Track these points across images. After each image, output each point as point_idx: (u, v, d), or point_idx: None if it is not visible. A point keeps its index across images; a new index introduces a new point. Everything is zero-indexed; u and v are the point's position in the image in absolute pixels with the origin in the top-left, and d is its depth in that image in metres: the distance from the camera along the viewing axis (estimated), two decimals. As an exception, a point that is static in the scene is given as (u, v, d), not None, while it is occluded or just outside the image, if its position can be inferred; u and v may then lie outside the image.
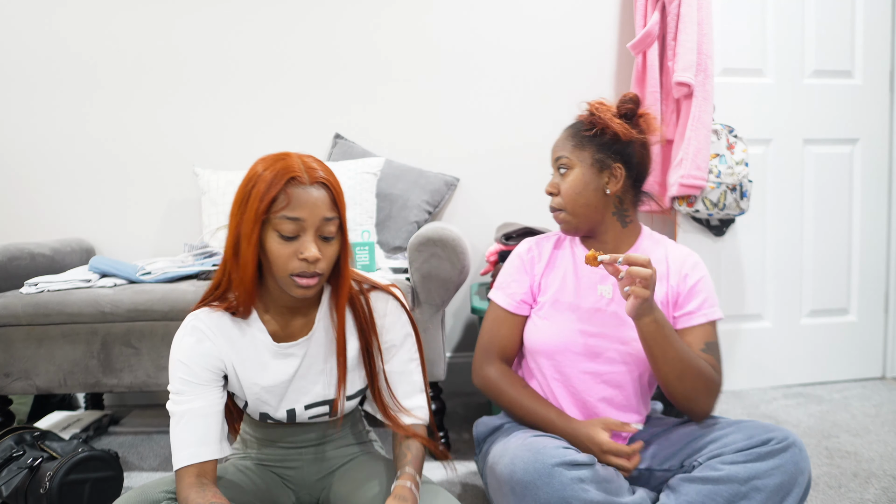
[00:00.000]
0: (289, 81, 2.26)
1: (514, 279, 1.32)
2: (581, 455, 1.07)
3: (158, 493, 0.97)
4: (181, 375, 1.01)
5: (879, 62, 2.30)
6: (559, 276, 1.29)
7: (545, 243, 1.35)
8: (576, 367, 1.24)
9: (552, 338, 1.25)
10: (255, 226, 0.96)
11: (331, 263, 1.01)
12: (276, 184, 0.95)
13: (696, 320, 1.22)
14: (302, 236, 0.96)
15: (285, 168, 0.96)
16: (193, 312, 1.05)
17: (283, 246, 0.96)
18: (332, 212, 0.98)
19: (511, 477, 1.05)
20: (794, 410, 2.05)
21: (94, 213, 2.25)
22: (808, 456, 1.08)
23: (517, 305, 1.31)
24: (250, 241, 0.96)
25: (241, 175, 2.10)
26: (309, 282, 0.97)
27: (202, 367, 1.02)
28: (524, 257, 1.33)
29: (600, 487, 1.04)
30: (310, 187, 0.96)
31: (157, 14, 2.21)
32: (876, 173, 2.34)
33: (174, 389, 1.01)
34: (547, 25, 2.28)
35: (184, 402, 1.00)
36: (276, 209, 0.95)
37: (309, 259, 0.95)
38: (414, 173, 2.19)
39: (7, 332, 1.60)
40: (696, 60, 2.02)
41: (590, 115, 1.24)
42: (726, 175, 2.04)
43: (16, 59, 2.20)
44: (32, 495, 1.35)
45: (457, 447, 1.80)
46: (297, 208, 0.95)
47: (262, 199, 0.95)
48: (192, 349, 1.02)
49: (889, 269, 2.38)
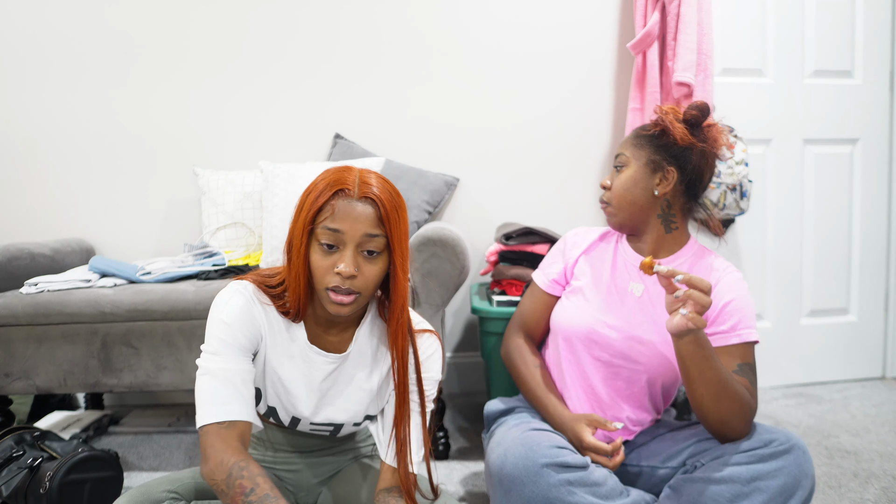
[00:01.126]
0: (289, 81, 2.26)
1: (553, 260, 1.39)
2: (574, 457, 1.08)
3: (160, 491, 0.97)
4: (221, 336, 0.97)
5: (879, 62, 2.30)
6: (595, 266, 1.33)
7: (591, 233, 1.39)
8: (589, 353, 1.25)
9: (572, 320, 1.28)
10: (304, 234, 0.95)
11: (370, 284, 0.96)
12: (325, 194, 0.94)
13: (731, 340, 1.18)
14: (342, 250, 0.94)
15: (338, 180, 0.95)
16: (241, 281, 1.02)
17: (323, 258, 0.95)
18: (377, 229, 0.95)
19: (500, 470, 1.07)
20: (794, 410, 2.05)
21: (94, 213, 2.25)
22: (811, 459, 1.07)
23: (550, 284, 1.36)
24: (299, 250, 0.96)
25: (241, 175, 2.11)
26: (342, 298, 0.95)
27: (243, 333, 0.98)
28: (567, 241, 1.39)
29: (590, 491, 1.05)
30: (356, 201, 0.94)
31: (157, 14, 2.21)
32: (876, 173, 2.34)
33: (210, 349, 0.97)
34: (547, 25, 2.28)
35: (220, 361, 0.95)
36: (321, 219, 0.94)
37: (343, 273, 0.93)
38: (414, 173, 2.19)
39: (7, 332, 1.60)
40: (696, 60, 2.02)
41: (656, 117, 1.27)
42: (726, 175, 2.04)
43: (15, 58, 2.20)
44: (32, 495, 1.35)
45: (456, 447, 1.80)
46: (338, 220, 0.93)
47: (311, 208, 0.94)
48: (240, 310, 0.98)
49: (889, 269, 2.38)
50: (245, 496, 0.87)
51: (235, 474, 0.88)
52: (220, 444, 0.91)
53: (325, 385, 1.06)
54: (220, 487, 0.89)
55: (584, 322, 1.26)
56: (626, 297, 1.26)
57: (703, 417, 1.11)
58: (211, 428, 0.92)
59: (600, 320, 1.25)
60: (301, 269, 0.97)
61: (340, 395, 1.07)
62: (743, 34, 2.22)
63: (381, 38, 2.26)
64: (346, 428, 1.10)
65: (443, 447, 1.73)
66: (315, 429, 1.10)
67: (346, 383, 1.07)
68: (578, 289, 1.31)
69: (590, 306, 1.27)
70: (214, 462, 0.90)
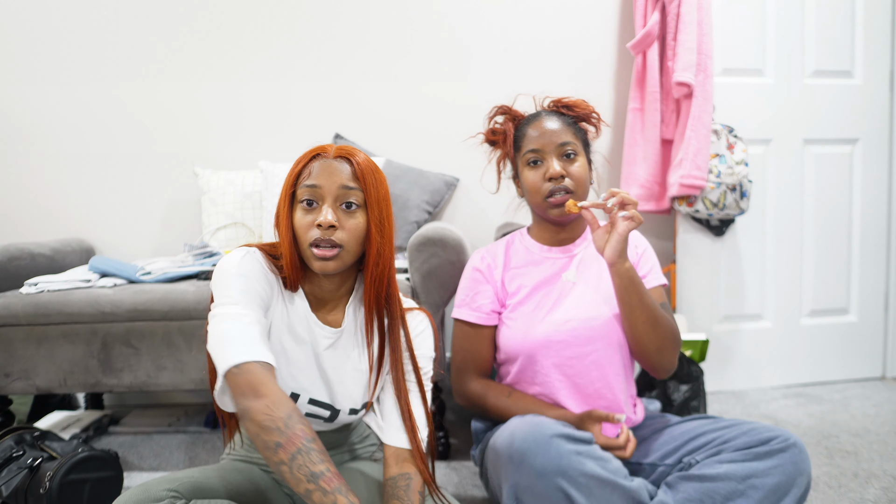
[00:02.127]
0: (289, 81, 2.26)
1: (477, 291, 1.33)
2: (580, 432, 1.08)
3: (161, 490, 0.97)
4: (240, 287, 0.94)
5: (879, 62, 2.30)
6: (522, 275, 1.32)
7: (495, 248, 1.39)
8: (561, 356, 1.25)
9: (529, 337, 1.26)
10: (286, 199, 1.00)
11: (353, 237, 0.99)
12: (304, 159, 1.00)
13: (651, 283, 1.30)
14: (321, 204, 0.98)
15: (317, 148, 1.02)
16: (247, 246, 1.02)
17: (304, 216, 0.98)
18: (353, 182, 0.99)
19: (510, 446, 1.06)
20: (794, 410, 2.05)
21: (94, 213, 2.25)
22: (808, 458, 1.08)
23: (486, 317, 1.32)
24: (284, 214, 1.00)
25: (241, 175, 2.11)
26: (325, 252, 0.97)
27: (262, 286, 0.97)
28: (480, 266, 1.35)
29: (598, 464, 1.05)
30: (332, 160, 0.99)
31: (158, 14, 2.21)
32: (876, 173, 2.34)
33: (230, 300, 0.93)
34: (547, 25, 2.28)
35: (242, 308, 0.92)
36: (301, 181, 0.99)
37: (323, 224, 0.95)
38: (414, 173, 2.19)
39: (7, 332, 1.60)
40: (696, 60, 2.02)
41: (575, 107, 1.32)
42: (726, 175, 2.04)
43: (15, 57, 2.20)
44: (32, 495, 1.35)
45: (456, 447, 1.80)
46: (315, 176, 0.98)
47: (290, 176, 1.00)
48: (255, 266, 0.98)
49: (889, 269, 2.38)
50: (307, 441, 0.83)
51: (297, 418, 0.84)
52: (271, 383, 0.86)
53: (325, 360, 1.06)
54: (275, 424, 0.83)
55: (542, 332, 1.25)
56: (563, 287, 1.29)
57: (641, 347, 1.23)
58: (252, 366, 0.86)
59: (556, 321, 1.25)
60: (286, 233, 1.00)
61: (337, 374, 1.07)
62: (743, 34, 2.21)
63: (381, 38, 2.26)
64: (343, 416, 1.10)
65: (442, 447, 1.73)
66: (312, 410, 1.09)
67: (344, 360, 1.07)
68: (518, 304, 1.30)
69: (538, 315, 1.27)
70: (272, 398, 0.84)
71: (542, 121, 1.29)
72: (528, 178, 1.28)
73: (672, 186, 2.07)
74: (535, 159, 1.27)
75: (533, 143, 1.27)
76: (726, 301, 2.26)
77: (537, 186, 1.26)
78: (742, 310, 2.29)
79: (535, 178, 1.26)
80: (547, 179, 1.25)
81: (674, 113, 2.14)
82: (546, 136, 1.26)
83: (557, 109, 1.32)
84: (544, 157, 1.26)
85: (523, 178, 1.30)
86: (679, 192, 2.04)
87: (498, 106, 1.38)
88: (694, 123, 2.02)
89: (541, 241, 1.35)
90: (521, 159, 1.30)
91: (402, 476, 1.00)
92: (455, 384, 1.35)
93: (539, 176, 1.26)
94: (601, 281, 1.29)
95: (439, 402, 1.74)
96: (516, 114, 1.36)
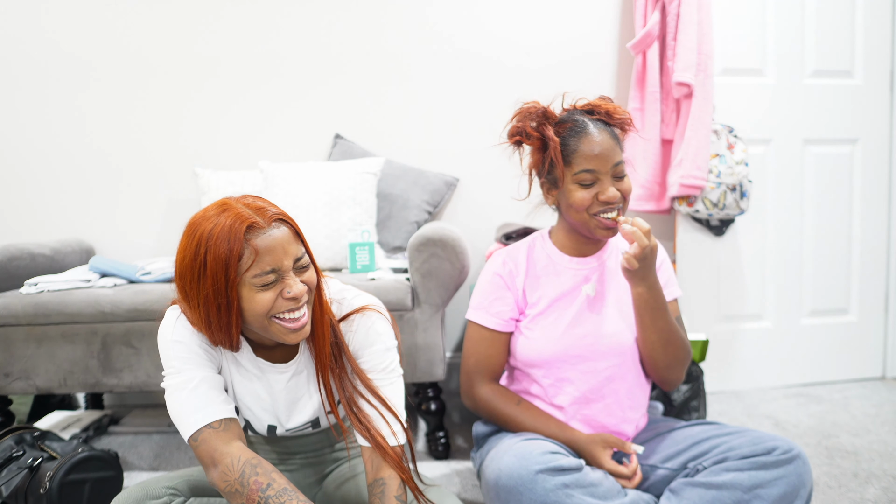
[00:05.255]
0: (289, 81, 2.26)
1: (497, 297, 1.29)
2: (567, 460, 1.07)
3: (160, 488, 0.97)
4: (179, 354, 0.93)
5: (879, 62, 2.30)
6: (543, 284, 1.29)
7: (517, 253, 1.33)
8: (575, 369, 1.24)
9: (546, 348, 1.24)
10: (232, 292, 0.87)
11: (312, 288, 0.94)
12: (236, 239, 0.85)
13: (666, 297, 1.27)
14: (280, 280, 0.89)
15: (236, 218, 0.86)
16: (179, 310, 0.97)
17: (262, 296, 0.88)
18: (299, 243, 0.92)
19: (497, 482, 1.07)
20: (794, 410, 2.05)
21: (94, 213, 2.25)
22: (811, 469, 1.09)
23: (504, 324, 1.29)
24: (230, 312, 0.88)
25: (241, 175, 2.11)
26: (298, 323, 0.91)
27: (201, 346, 0.95)
28: (502, 272, 1.30)
29: (587, 492, 1.05)
30: (271, 230, 0.88)
31: (157, 13, 2.21)
32: (876, 173, 2.34)
33: (173, 370, 0.93)
34: (547, 25, 2.28)
35: (186, 374, 0.92)
36: (245, 268, 0.86)
37: (297, 296, 0.89)
38: (414, 173, 2.19)
39: (7, 332, 1.60)
40: (696, 60, 2.02)
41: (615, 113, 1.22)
42: (726, 175, 2.04)
43: (13, 58, 2.20)
44: (32, 495, 1.35)
45: (456, 447, 1.80)
46: (267, 258, 0.87)
47: (228, 264, 0.85)
48: (190, 331, 0.94)
49: (889, 269, 2.38)
50: (262, 492, 0.85)
51: (249, 472, 0.86)
52: (223, 446, 0.88)
53: (289, 390, 1.04)
54: (233, 488, 0.87)
55: (559, 345, 1.24)
56: (583, 301, 1.26)
57: (651, 363, 1.24)
58: (205, 433, 0.89)
59: (573, 335, 1.24)
60: (233, 321, 0.89)
61: (301, 398, 1.05)
62: (743, 34, 2.21)
63: (381, 38, 2.26)
64: (323, 420, 1.09)
65: (443, 447, 1.73)
66: (294, 431, 1.09)
67: (305, 385, 1.05)
68: (537, 315, 1.27)
69: (556, 328, 1.25)
70: (225, 463, 0.87)
71: (591, 136, 1.18)
72: (577, 196, 1.18)
73: (672, 186, 2.07)
74: (591, 181, 1.18)
75: (588, 162, 1.17)
76: (726, 301, 2.26)
77: (586, 205, 1.18)
78: (742, 310, 2.29)
79: (586, 197, 1.18)
80: (601, 202, 1.18)
81: (674, 113, 2.14)
82: (602, 157, 1.17)
83: (600, 118, 1.22)
84: (599, 177, 1.18)
85: (568, 194, 1.20)
86: (679, 192, 2.04)
87: (530, 105, 1.25)
88: (694, 123, 2.02)
89: (563, 249, 1.30)
90: (569, 175, 1.19)
91: (376, 483, 0.97)
92: (464, 385, 1.32)
93: (590, 196, 1.18)
94: (620, 296, 1.27)
95: (439, 402, 1.74)
96: (552, 115, 1.24)
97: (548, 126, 1.22)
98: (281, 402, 1.04)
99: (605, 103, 1.23)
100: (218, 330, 0.91)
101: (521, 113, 1.25)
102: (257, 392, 1.03)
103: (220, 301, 0.87)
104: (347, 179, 2.00)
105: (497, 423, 1.28)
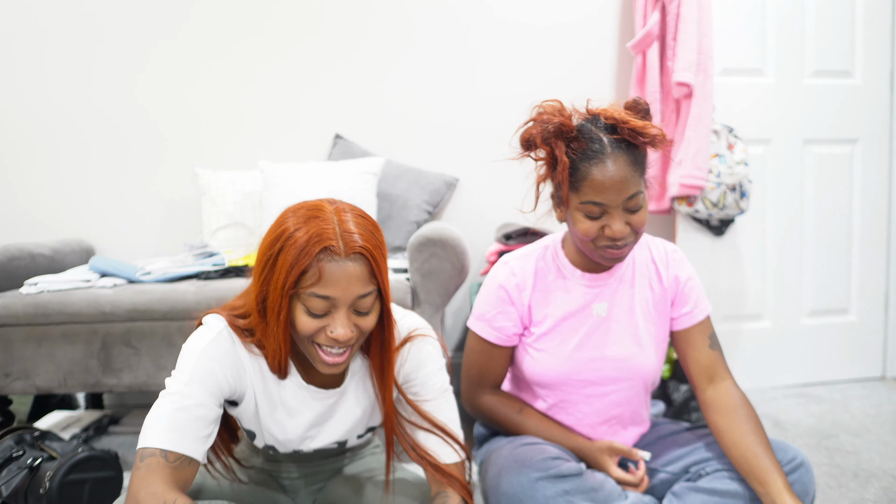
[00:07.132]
0: (289, 81, 2.26)
1: (501, 311, 1.21)
2: (568, 465, 1.06)
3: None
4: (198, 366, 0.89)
5: (879, 62, 2.30)
6: (551, 301, 1.21)
7: (524, 264, 1.22)
8: (580, 392, 1.20)
9: (550, 370, 1.19)
10: (283, 300, 0.85)
11: (365, 336, 0.91)
12: (307, 254, 0.83)
13: (698, 317, 1.20)
14: (333, 313, 0.86)
15: (318, 234, 0.84)
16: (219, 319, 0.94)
17: (311, 320, 0.86)
18: (370, 285, 0.87)
19: (496, 490, 1.06)
20: (794, 410, 2.05)
21: (94, 213, 2.25)
22: (814, 478, 1.08)
23: (506, 339, 1.22)
24: (279, 314, 0.86)
25: (241, 175, 2.11)
26: (336, 359, 0.88)
27: (225, 373, 0.91)
28: (507, 285, 1.20)
29: (588, 497, 1.04)
30: (345, 261, 0.84)
31: (157, 13, 2.21)
32: (876, 173, 2.34)
33: (182, 375, 0.89)
34: (547, 25, 2.28)
35: (188, 386, 0.88)
36: (305, 284, 0.84)
37: (339, 340, 0.86)
38: (414, 173, 2.19)
39: (7, 332, 1.60)
40: (696, 60, 2.02)
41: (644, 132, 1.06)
42: (726, 175, 2.04)
43: (14, 58, 2.20)
44: (32, 495, 1.35)
45: (457, 447, 1.80)
46: (328, 285, 0.84)
47: (290, 272, 0.84)
48: (224, 354, 0.91)
49: (889, 269, 2.38)
50: None
51: None
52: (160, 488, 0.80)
53: (322, 418, 1.02)
54: None
55: (567, 368, 1.19)
56: (593, 322, 1.19)
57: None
58: (156, 460, 0.82)
59: (582, 358, 1.19)
60: (282, 333, 0.88)
61: (333, 418, 1.03)
62: (743, 34, 2.21)
63: (382, 39, 2.26)
64: (351, 442, 1.08)
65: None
66: (319, 451, 1.08)
67: (352, 405, 1.04)
68: (543, 335, 1.20)
69: (564, 349, 1.19)
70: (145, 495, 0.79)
71: (605, 165, 1.03)
72: (582, 227, 1.07)
73: (672, 186, 2.07)
74: (599, 214, 1.06)
75: (596, 194, 1.04)
76: (726, 301, 2.26)
77: (591, 237, 1.08)
78: (742, 310, 2.29)
79: (592, 228, 1.07)
80: (607, 237, 1.07)
81: (674, 113, 2.14)
82: (613, 190, 1.03)
83: (623, 136, 1.06)
84: (608, 210, 1.05)
85: (574, 221, 1.09)
86: (679, 192, 2.04)
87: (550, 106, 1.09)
88: (694, 123, 2.02)
89: (576, 263, 1.20)
90: (576, 200, 1.07)
91: (439, 495, 0.98)
92: (465, 394, 1.28)
93: (596, 228, 1.07)
94: (633, 318, 1.20)
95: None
96: (567, 129, 1.07)
97: (560, 142, 1.07)
98: (313, 427, 1.02)
99: (632, 119, 1.05)
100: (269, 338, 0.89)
101: (539, 118, 1.09)
102: (292, 420, 1.00)
103: (281, 305, 0.86)
104: (347, 179, 2.00)
105: (501, 428, 1.26)
